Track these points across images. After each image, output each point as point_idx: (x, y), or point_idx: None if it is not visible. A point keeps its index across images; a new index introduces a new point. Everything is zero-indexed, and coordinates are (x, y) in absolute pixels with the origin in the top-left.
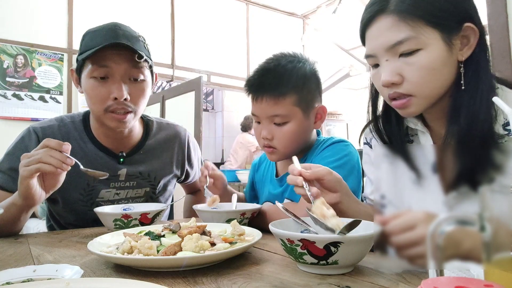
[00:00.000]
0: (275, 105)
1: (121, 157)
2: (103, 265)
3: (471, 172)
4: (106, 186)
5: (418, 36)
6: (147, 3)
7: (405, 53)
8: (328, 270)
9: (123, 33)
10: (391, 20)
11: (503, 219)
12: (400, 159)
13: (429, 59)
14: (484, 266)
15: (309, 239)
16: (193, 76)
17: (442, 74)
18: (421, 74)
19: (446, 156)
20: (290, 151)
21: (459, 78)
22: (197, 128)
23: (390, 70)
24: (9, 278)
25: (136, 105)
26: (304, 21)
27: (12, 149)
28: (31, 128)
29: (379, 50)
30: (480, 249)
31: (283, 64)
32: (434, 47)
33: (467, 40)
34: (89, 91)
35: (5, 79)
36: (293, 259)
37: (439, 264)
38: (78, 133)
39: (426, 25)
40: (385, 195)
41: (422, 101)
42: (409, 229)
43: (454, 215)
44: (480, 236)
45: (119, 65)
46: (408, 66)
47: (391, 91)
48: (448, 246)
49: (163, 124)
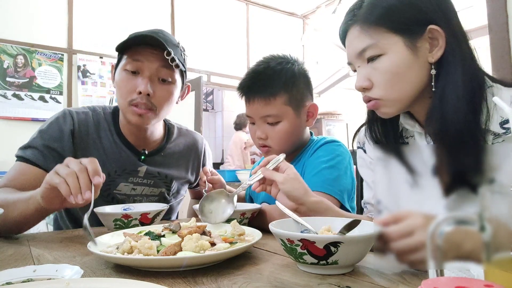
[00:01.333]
0: (266, 105)
1: (143, 155)
2: (103, 265)
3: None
4: (124, 180)
5: (377, 43)
6: (147, 3)
7: (371, 59)
8: (328, 270)
9: (164, 37)
10: (357, 30)
11: (503, 219)
12: (396, 162)
13: (392, 63)
14: (484, 266)
15: (309, 239)
16: (193, 76)
17: (408, 76)
18: (386, 77)
19: (441, 157)
20: (285, 148)
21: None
22: (197, 128)
23: (361, 75)
24: (9, 278)
25: (158, 104)
26: (304, 21)
27: (46, 128)
28: (67, 110)
29: (352, 58)
30: (480, 249)
31: (272, 66)
32: (396, 51)
33: (437, 42)
34: (119, 82)
35: (5, 79)
36: (293, 259)
37: (439, 264)
38: (107, 124)
39: (386, 32)
40: (381, 200)
41: (391, 104)
42: (407, 235)
43: (454, 215)
44: (480, 236)
45: (150, 62)
46: (374, 71)
47: (364, 95)
48: (448, 246)
49: (183, 130)
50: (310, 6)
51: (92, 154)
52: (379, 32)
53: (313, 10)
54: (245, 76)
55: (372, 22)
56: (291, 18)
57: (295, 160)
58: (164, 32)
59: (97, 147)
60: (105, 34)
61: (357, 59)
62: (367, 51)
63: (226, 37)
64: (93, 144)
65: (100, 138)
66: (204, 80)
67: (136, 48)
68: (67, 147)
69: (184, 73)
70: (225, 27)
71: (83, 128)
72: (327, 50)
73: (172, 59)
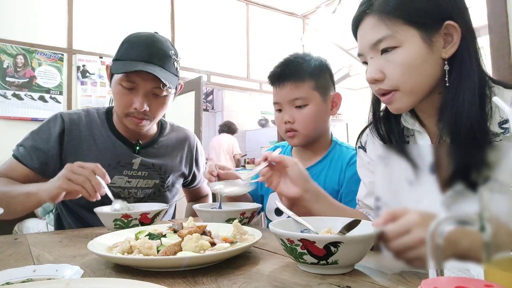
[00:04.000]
0: (296, 88)
1: (137, 145)
2: (103, 265)
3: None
4: (119, 173)
5: (394, 35)
6: (147, 3)
7: (386, 51)
8: (328, 270)
9: (157, 52)
10: (373, 20)
11: (503, 219)
12: (396, 159)
13: (407, 56)
14: (484, 266)
15: (309, 239)
16: (193, 76)
17: (422, 70)
18: (400, 70)
19: (441, 155)
20: (310, 132)
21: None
22: (197, 128)
23: (373, 67)
24: (9, 278)
25: (154, 115)
26: (304, 21)
27: (37, 129)
28: (60, 113)
29: (365, 49)
30: (477, 247)
31: (301, 56)
32: (412, 44)
33: (451, 38)
34: (116, 95)
35: (5, 79)
36: (293, 259)
37: (439, 264)
38: (100, 121)
39: (403, 24)
40: (380, 197)
41: (405, 96)
42: (405, 233)
43: (454, 215)
44: (477, 234)
45: (145, 82)
46: (388, 63)
47: (376, 88)
48: (445, 244)
49: (175, 126)
50: (310, 6)
51: (84, 149)
52: (396, 24)
53: (313, 10)
54: (275, 66)
55: (390, 13)
56: (291, 18)
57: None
58: (158, 44)
59: (89, 144)
60: (105, 34)
61: (370, 49)
62: (383, 42)
63: (226, 37)
64: (85, 142)
65: (93, 135)
66: (204, 80)
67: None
68: (53, 148)
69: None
70: (225, 27)
71: (74, 127)
72: (327, 50)
73: (164, 85)
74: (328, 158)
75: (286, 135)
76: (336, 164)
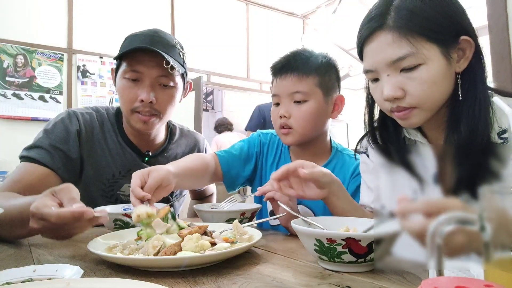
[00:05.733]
0: (298, 81)
1: (147, 156)
2: (103, 265)
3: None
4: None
5: (418, 52)
6: (147, 3)
7: (407, 68)
8: (362, 268)
9: (160, 40)
10: (392, 36)
11: (503, 219)
12: (400, 168)
13: (430, 74)
14: (484, 266)
15: (355, 237)
16: (193, 76)
17: (442, 86)
18: (423, 88)
19: (446, 165)
20: (306, 132)
21: (456, 89)
22: (197, 128)
23: (392, 85)
24: (9, 278)
25: (162, 110)
26: (304, 21)
27: (52, 128)
28: (71, 110)
29: (380, 65)
30: (480, 249)
31: (309, 51)
32: (435, 61)
33: (463, 53)
34: (121, 90)
35: (5, 78)
36: (325, 258)
37: (439, 264)
38: (111, 125)
39: (426, 41)
40: (385, 206)
41: (423, 113)
42: None
43: (455, 215)
44: (480, 236)
45: (150, 70)
46: (410, 81)
47: (393, 105)
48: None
49: (185, 131)
50: (310, 6)
51: (97, 154)
52: (419, 41)
53: (313, 10)
54: (281, 56)
55: (412, 30)
56: (291, 18)
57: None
58: (161, 34)
59: (102, 148)
60: (105, 34)
61: (388, 67)
62: (406, 60)
63: (226, 37)
64: (98, 145)
65: (105, 139)
66: (204, 80)
67: (134, 55)
68: (74, 148)
69: (184, 73)
70: (225, 27)
71: (89, 129)
72: (327, 50)
73: (171, 67)
74: (329, 166)
75: (280, 132)
76: (338, 174)
